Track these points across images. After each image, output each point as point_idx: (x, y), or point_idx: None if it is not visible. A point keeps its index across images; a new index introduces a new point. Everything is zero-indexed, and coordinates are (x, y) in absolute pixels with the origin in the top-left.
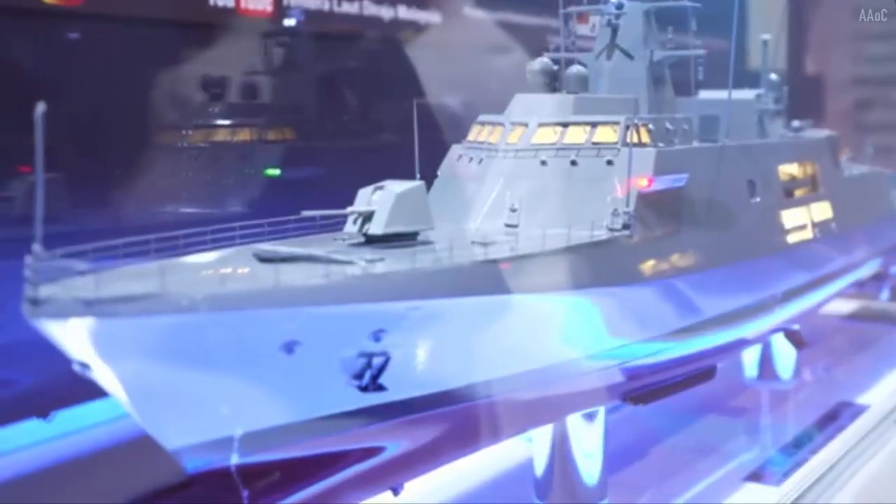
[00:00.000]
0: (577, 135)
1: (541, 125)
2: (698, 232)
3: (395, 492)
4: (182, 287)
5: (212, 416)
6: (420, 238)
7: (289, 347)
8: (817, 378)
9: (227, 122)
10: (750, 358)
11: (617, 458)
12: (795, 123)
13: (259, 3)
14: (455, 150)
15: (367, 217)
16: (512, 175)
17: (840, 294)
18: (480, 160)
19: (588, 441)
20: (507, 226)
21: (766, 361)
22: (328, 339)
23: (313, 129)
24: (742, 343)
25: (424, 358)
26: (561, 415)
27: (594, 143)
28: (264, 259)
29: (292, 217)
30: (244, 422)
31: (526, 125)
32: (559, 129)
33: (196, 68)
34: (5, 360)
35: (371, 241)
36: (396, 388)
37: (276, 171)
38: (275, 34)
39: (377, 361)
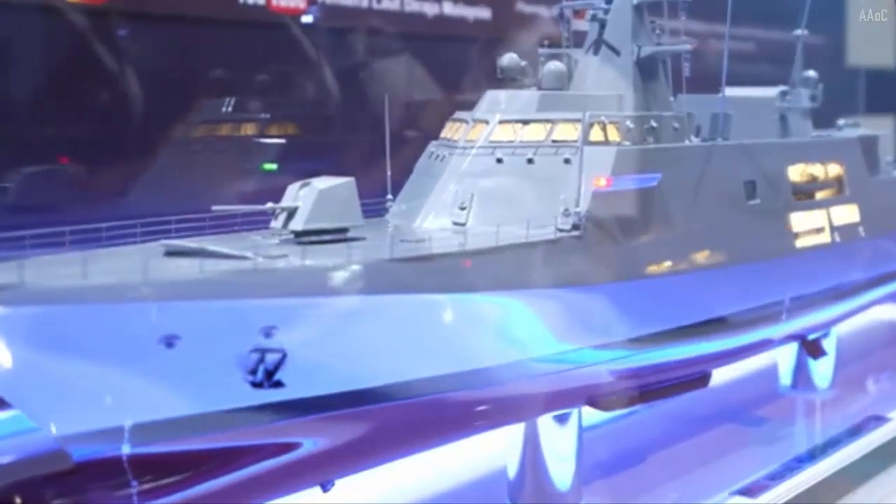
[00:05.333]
0: (536, 132)
1: (501, 122)
2: (676, 234)
3: (325, 488)
4: (43, 279)
5: (96, 406)
6: (352, 235)
7: (168, 341)
8: (856, 389)
9: (231, 117)
10: (784, 366)
11: (612, 463)
12: (840, 122)
13: (291, 0)
14: (430, 146)
15: (292, 213)
16: (466, 173)
17: (875, 303)
18: (443, 157)
19: (560, 444)
20: (455, 224)
21: (800, 370)
22: (209, 333)
23: (323, 124)
24: (745, 350)
25: (330, 355)
26: (511, 418)
27: (554, 141)
28: (171, 253)
29: (203, 215)
30: (133, 412)
31: (487, 122)
32: (519, 126)
33: (213, 64)
34: None
35: (299, 236)
36: (301, 385)
37: (272, 166)
38: (298, 30)
39: (271, 357)
